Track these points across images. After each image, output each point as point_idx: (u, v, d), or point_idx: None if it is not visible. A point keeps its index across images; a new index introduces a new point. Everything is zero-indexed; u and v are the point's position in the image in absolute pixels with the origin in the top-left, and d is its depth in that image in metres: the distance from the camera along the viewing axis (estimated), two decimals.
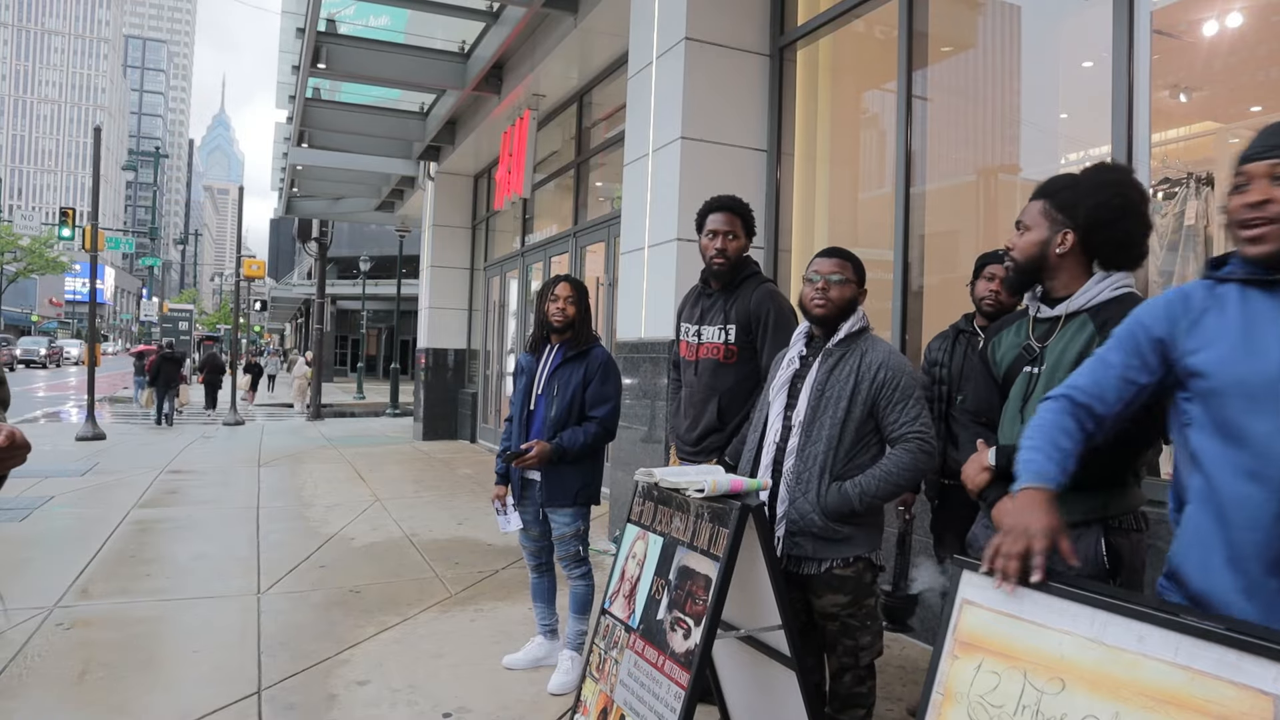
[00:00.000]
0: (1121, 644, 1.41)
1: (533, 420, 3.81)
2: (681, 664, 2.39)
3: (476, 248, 14.04)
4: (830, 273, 2.72)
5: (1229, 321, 1.66)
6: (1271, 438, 1.56)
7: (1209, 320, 1.69)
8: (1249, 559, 1.59)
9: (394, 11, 9.33)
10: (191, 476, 9.59)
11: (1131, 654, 1.39)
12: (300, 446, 12.89)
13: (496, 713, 3.48)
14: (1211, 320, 1.69)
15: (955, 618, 1.70)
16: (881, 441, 2.69)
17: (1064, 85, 4.71)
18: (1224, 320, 1.67)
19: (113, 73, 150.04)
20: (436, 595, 5.06)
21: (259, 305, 30.32)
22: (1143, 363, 1.78)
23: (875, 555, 2.71)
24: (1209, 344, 1.68)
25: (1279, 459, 1.55)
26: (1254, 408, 1.59)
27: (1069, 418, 1.83)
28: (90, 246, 14.15)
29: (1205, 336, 1.69)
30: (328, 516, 7.35)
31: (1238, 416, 1.62)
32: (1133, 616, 1.41)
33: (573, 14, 7.82)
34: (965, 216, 5.13)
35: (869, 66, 5.78)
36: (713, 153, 5.67)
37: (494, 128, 10.83)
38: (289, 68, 10.82)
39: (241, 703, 3.53)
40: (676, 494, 2.67)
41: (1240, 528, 1.60)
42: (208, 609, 4.78)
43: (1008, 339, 2.38)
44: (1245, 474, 1.60)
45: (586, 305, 3.85)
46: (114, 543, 6.24)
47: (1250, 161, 1.61)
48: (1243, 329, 1.64)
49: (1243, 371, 1.62)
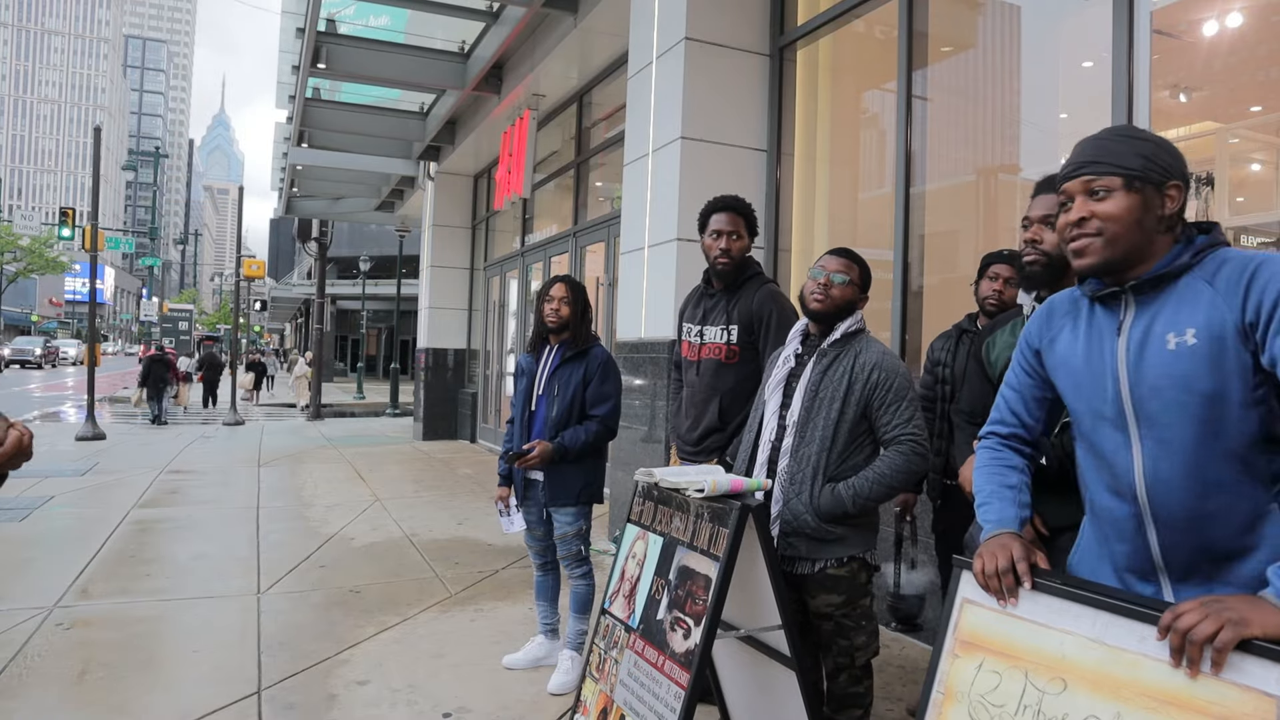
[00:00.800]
0: (1123, 644, 1.41)
1: (534, 421, 3.81)
2: (681, 664, 2.39)
3: (476, 248, 14.04)
4: (835, 271, 2.72)
5: (1077, 339, 1.69)
6: (1117, 454, 1.59)
7: (1062, 338, 1.73)
8: (1124, 569, 1.64)
9: (394, 11, 9.33)
10: (191, 476, 9.58)
11: (1133, 654, 1.39)
12: (300, 446, 12.89)
13: (497, 712, 3.48)
14: (1064, 338, 1.72)
15: (955, 617, 1.70)
16: (875, 442, 2.69)
17: (1064, 85, 4.71)
18: (1074, 338, 1.70)
19: (113, 73, 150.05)
20: (436, 595, 5.06)
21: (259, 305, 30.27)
22: (1038, 378, 1.82)
23: (870, 555, 2.71)
24: (1060, 363, 1.72)
25: (1127, 473, 1.58)
26: (1100, 425, 1.63)
27: (1006, 451, 1.87)
28: (90, 246, 14.14)
29: (1058, 355, 1.73)
30: (328, 516, 7.34)
31: (1091, 434, 1.66)
32: (1134, 617, 1.41)
33: (572, 14, 7.82)
34: (965, 216, 5.14)
35: (869, 66, 5.78)
36: (713, 153, 5.67)
37: (494, 128, 10.83)
38: (289, 68, 10.82)
39: (241, 703, 3.52)
40: (676, 494, 2.67)
41: (1113, 539, 1.64)
42: (208, 609, 4.78)
43: (1002, 339, 2.37)
44: (1107, 488, 1.63)
45: (584, 305, 3.85)
46: (114, 543, 6.23)
47: (1066, 180, 1.64)
48: (1085, 347, 1.66)
49: (1086, 391, 1.65)
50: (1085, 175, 1.60)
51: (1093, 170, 1.60)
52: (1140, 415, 1.55)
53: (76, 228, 18.54)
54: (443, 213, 13.88)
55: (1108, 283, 1.61)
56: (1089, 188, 1.59)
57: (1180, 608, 1.35)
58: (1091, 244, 1.58)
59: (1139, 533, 1.58)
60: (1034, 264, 2.19)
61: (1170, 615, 1.35)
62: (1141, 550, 1.59)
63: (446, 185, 13.82)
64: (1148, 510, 1.55)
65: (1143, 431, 1.55)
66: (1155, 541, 1.56)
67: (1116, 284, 1.60)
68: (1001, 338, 2.38)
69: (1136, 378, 1.55)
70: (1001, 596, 1.62)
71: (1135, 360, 1.56)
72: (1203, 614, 1.31)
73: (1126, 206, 1.55)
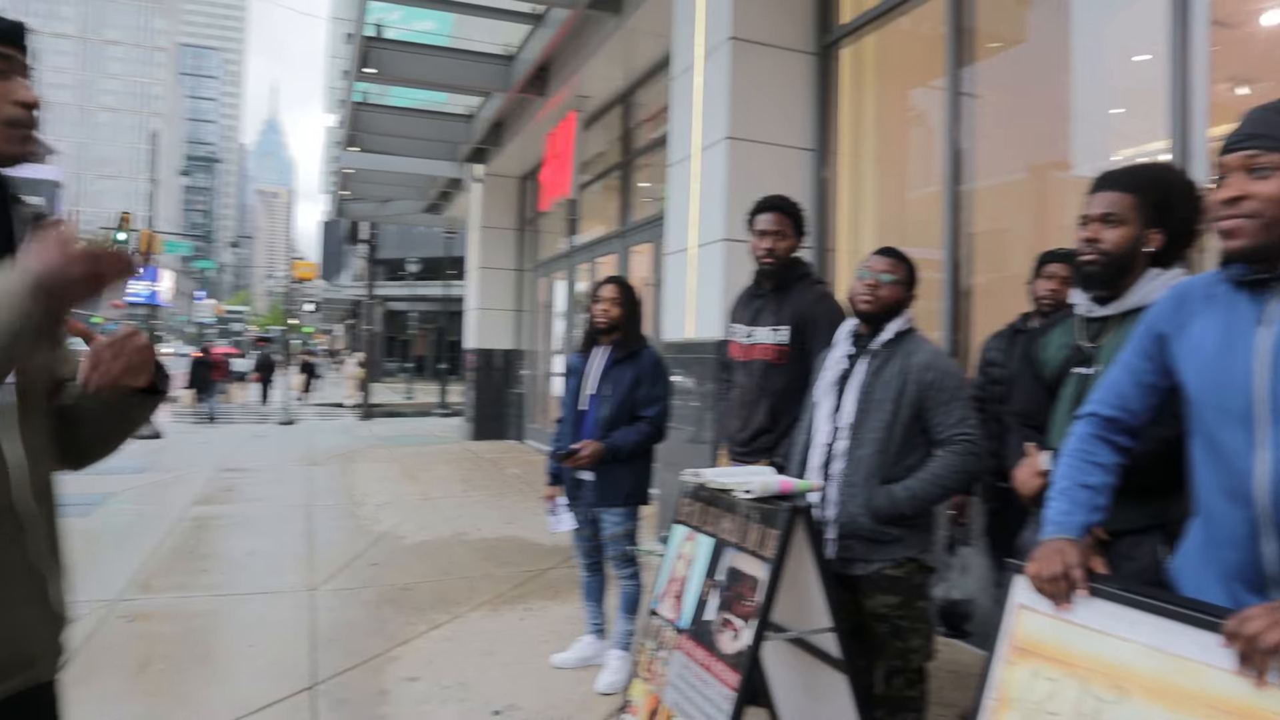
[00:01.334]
0: (1186, 653, 1.37)
1: (584, 421, 3.83)
2: (731, 665, 2.38)
3: (523, 249, 14.12)
4: (883, 271, 2.70)
5: (1212, 327, 1.58)
6: (1239, 454, 1.49)
7: (1195, 325, 1.62)
8: (1233, 578, 1.53)
9: (439, 16, 9.43)
10: (245, 474, 9.78)
11: (1196, 663, 1.35)
12: (351, 445, 13.09)
13: (545, 711, 3.51)
14: (1198, 325, 1.61)
15: (1010, 622, 1.68)
16: (929, 443, 2.66)
17: (1117, 79, 4.61)
18: (1208, 325, 1.59)
19: (168, 80, 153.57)
20: (486, 594, 5.11)
21: (311, 307, 30.80)
22: (1155, 365, 1.71)
23: (926, 557, 2.69)
24: (1191, 351, 1.61)
25: (1247, 476, 1.47)
26: (1225, 421, 1.52)
27: (1097, 442, 1.78)
28: (147, 250, 14.49)
29: (1189, 343, 1.62)
30: (378, 515, 7.45)
31: (1213, 430, 1.55)
32: (1198, 624, 1.37)
33: (616, 15, 7.83)
34: (1015, 214, 5.06)
35: (916, 64, 5.72)
36: (758, 152, 5.65)
37: (539, 130, 10.89)
38: (338, 73, 11.01)
39: (295, 697, 3.60)
40: (725, 494, 2.66)
41: (1224, 545, 1.54)
42: (262, 604, 4.88)
43: (1055, 339, 2.33)
44: (1223, 490, 1.53)
45: (634, 307, 3.86)
46: (172, 538, 6.39)
47: (1227, 153, 1.51)
48: (1222, 336, 1.55)
49: (1215, 382, 1.54)
50: (1249, 149, 1.46)
51: (1258, 144, 1.46)
52: (1273, 415, 1.44)
53: (133, 231, 19.02)
54: (490, 214, 13.99)
55: (1256, 269, 1.50)
56: (1251, 164, 1.46)
57: (1247, 613, 1.29)
58: (1243, 226, 1.46)
59: (1252, 541, 1.48)
60: (1091, 264, 2.12)
61: (1236, 621, 1.29)
62: (1254, 560, 1.48)
63: (493, 187, 13.92)
64: (1267, 518, 1.45)
65: (1275, 433, 1.44)
66: (1272, 551, 1.46)
67: (1266, 271, 1.49)
68: (1054, 338, 2.33)
69: (1276, 375, 1.44)
70: (1057, 602, 1.58)
71: (1277, 355, 1.45)
72: (1271, 620, 1.25)
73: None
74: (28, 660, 1.35)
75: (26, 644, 1.35)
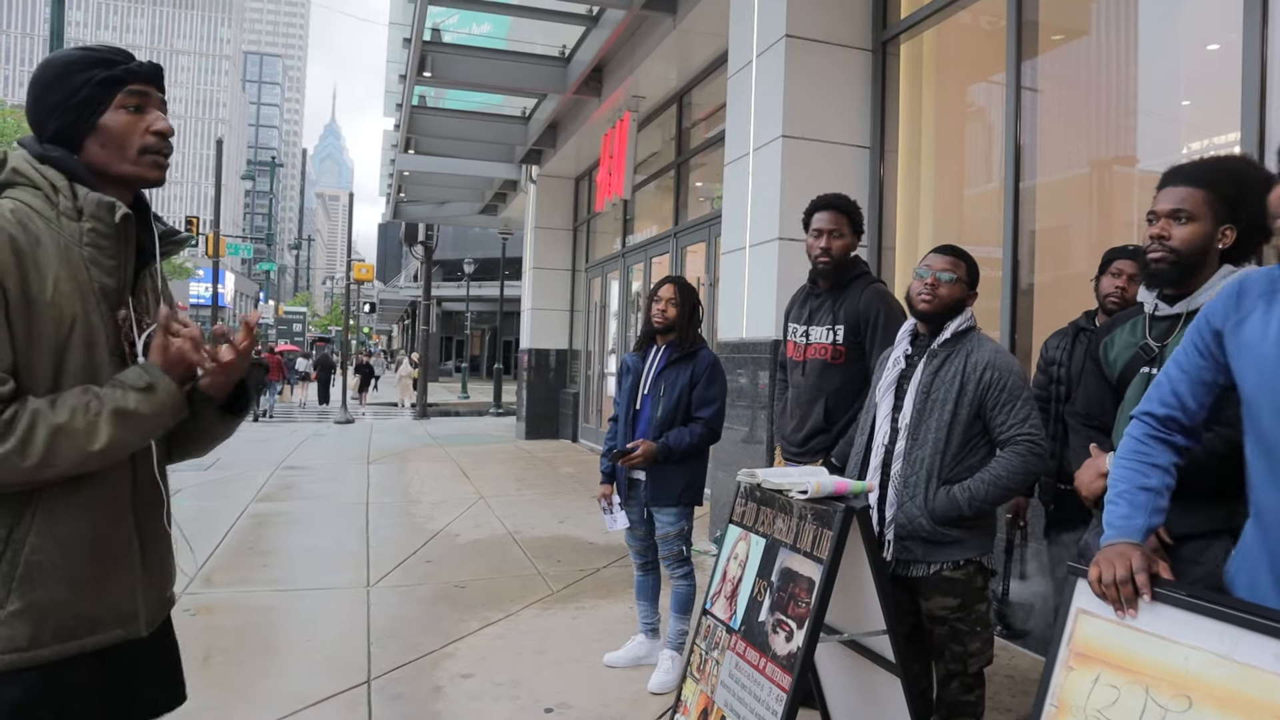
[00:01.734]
0: (1256, 662, 1.32)
1: (639, 420, 3.84)
2: (783, 667, 2.36)
3: (578, 249, 14.20)
4: (942, 269, 2.66)
5: (1270, 323, 1.52)
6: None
7: (1252, 321, 1.56)
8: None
9: (495, 19, 9.51)
10: (304, 472, 9.97)
11: (1268, 673, 1.30)
12: (407, 444, 13.27)
13: (597, 710, 3.51)
14: (1254, 321, 1.55)
15: (1070, 627, 1.64)
16: (990, 443, 2.61)
17: (1187, 70, 4.48)
18: (1266, 322, 1.53)
19: (233, 87, 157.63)
20: (539, 592, 5.14)
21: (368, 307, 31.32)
22: (1213, 361, 1.65)
23: (986, 559, 2.64)
24: (1246, 348, 1.56)
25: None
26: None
27: (1154, 443, 1.73)
28: (213, 253, 14.87)
29: (1245, 339, 1.56)
30: (433, 513, 7.54)
31: (1269, 431, 1.49)
32: (1268, 633, 1.32)
33: (671, 15, 7.83)
34: (1078, 211, 4.94)
35: (975, 59, 5.62)
36: (814, 150, 5.60)
37: (594, 130, 10.94)
38: (396, 77, 11.16)
39: (352, 691, 3.65)
40: (779, 495, 2.64)
41: (1278, 547, 1.49)
42: (320, 600, 4.97)
43: (1121, 338, 2.26)
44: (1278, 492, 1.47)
45: (692, 307, 3.85)
46: (234, 534, 6.54)
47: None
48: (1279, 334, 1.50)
49: (1272, 382, 1.48)
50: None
51: None
52: None
53: (200, 235, 19.55)
54: (544, 215, 14.08)
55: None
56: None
57: None
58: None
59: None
60: (1159, 261, 2.05)
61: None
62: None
63: (548, 188, 14.01)
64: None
65: None
66: None
67: None
68: (1120, 337, 2.27)
69: None
70: (1120, 607, 1.54)
71: None
72: None
73: None
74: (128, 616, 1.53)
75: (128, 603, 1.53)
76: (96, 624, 1.47)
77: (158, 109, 1.56)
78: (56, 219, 1.44)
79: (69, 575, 1.43)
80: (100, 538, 1.47)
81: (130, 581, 1.53)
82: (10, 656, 1.37)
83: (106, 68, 1.50)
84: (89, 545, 1.45)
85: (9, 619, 1.37)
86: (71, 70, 1.49)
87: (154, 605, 1.61)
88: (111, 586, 1.49)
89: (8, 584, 1.37)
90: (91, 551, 1.45)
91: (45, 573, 1.40)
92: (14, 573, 1.37)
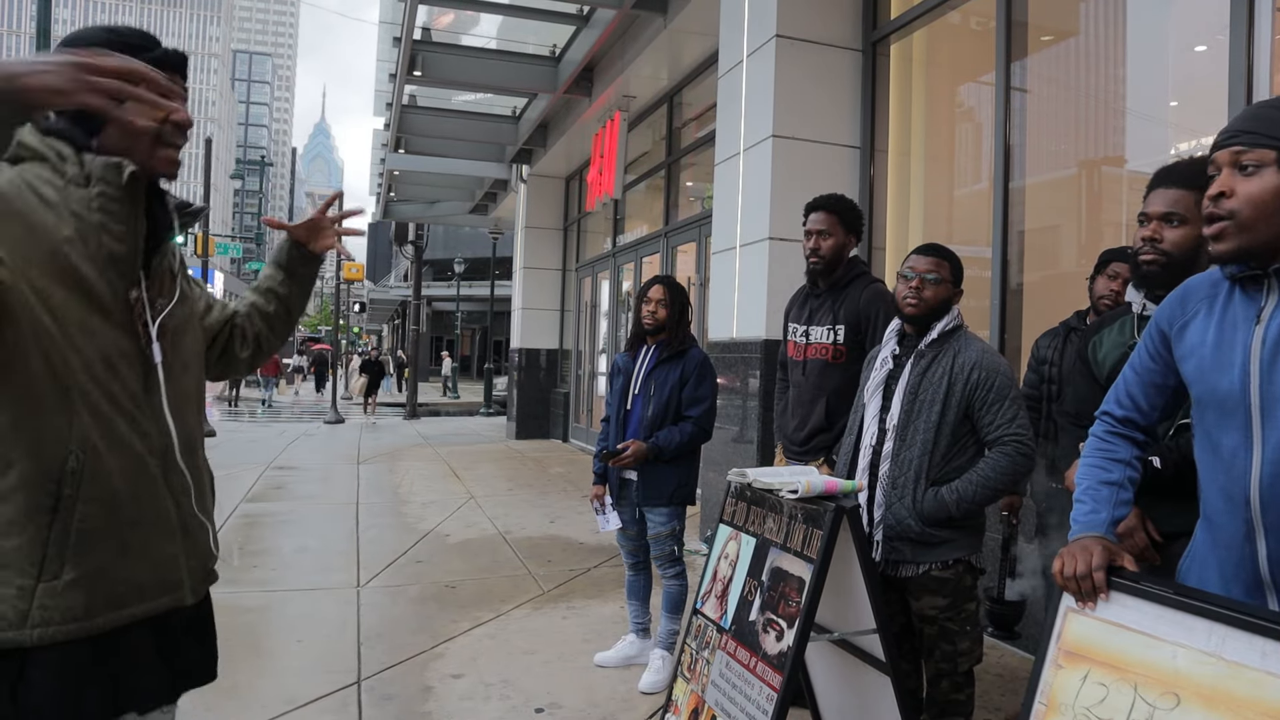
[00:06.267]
0: (1243, 660, 1.33)
1: (629, 420, 3.84)
2: (774, 666, 2.37)
3: (568, 249, 14.19)
4: (925, 271, 2.66)
5: (1210, 325, 1.54)
6: (1236, 453, 1.46)
7: (1194, 324, 1.58)
8: (1231, 579, 1.51)
9: (486, 18, 9.50)
10: (294, 473, 9.94)
11: (1255, 671, 1.31)
12: (397, 444, 13.24)
13: (587, 709, 3.51)
14: (1197, 324, 1.58)
15: (1059, 625, 1.64)
16: (979, 443, 2.62)
17: (1175, 71, 4.50)
18: (1207, 324, 1.55)
19: (222, 86, 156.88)
20: (529, 592, 5.13)
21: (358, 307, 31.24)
22: (1163, 364, 1.68)
23: (975, 558, 2.65)
24: (1190, 351, 1.58)
25: (1243, 475, 1.45)
26: (1223, 421, 1.49)
27: (1115, 439, 1.76)
28: (202, 252, 14.81)
29: (1189, 342, 1.59)
30: (423, 513, 7.52)
31: (1213, 430, 1.52)
32: (1257, 631, 1.32)
33: (662, 15, 7.83)
34: (1067, 211, 4.96)
35: (965, 59, 5.63)
36: (805, 150, 5.61)
37: (585, 130, 10.93)
38: (386, 76, 11.13)
39: (342, 691, 3.64)
40: (769, 495, 2.65)
41: (1222, 545, 1.52)
42: (310, 601, 4.95)
43: (1110, 338, 2.27)
44: (1221, 490, 1.50)
45: (682, 307, 3.86)
46: (223, 534, 6.50)
47: (1217, 149, 1.47)
48: (1218, 334, 1.52)
49: (1212, 383, 1.51)
50: (1235, 145, 1.44)
51: (1244, 140, 1.43)
52: (1266, 414, 1.41)
53: (189, 234, 19.48)
54: (535, 215, 14.07)
55: (1252, 265, 1.46)
56: (1237, 160, 1.43)
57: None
58: (1224, 228, 1.44)
59: (1247, 542, 1.46)
60: (1151, 264, 2.05)
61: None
62: (1248, 561, 1.47)
63: (538, 187, 14.00)
64: (1259, 518, 1.43)
65: (1266, 433, 1.41)
66: (1263, 554, 1.44)
67: (1260, 267, 1.45)
68: (1109, 336, 2.28)
69: (1269, 372, 1.41)
70: (1081, 599, 1.57)
71: (1271, 353, 1.41)
72: None
73: (1274, 187, 1.40)
74: (173, 584, 1.55)
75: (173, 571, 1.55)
76: (145, 591, 1.49)
77: (179, 99, 1.50)
78: (64, 187, 1.42)
79: (118, 541, 1.44)
80: (142, 500, 1.49)
81: (173, 548, 1.55)
82: (70, 626, 1.38)
83: (133, 54, 1.43)
84: (134, 507, 1.46)
85: (66, 589, 1.38)
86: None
87: (198, 575, 1.63)
88: (156, 551, 1.51)
89: (61, 554, 1.37)
90: (136, 515, 1.47)
91: (96, 540, 1.41)
92: (67, 541, 1.38)
